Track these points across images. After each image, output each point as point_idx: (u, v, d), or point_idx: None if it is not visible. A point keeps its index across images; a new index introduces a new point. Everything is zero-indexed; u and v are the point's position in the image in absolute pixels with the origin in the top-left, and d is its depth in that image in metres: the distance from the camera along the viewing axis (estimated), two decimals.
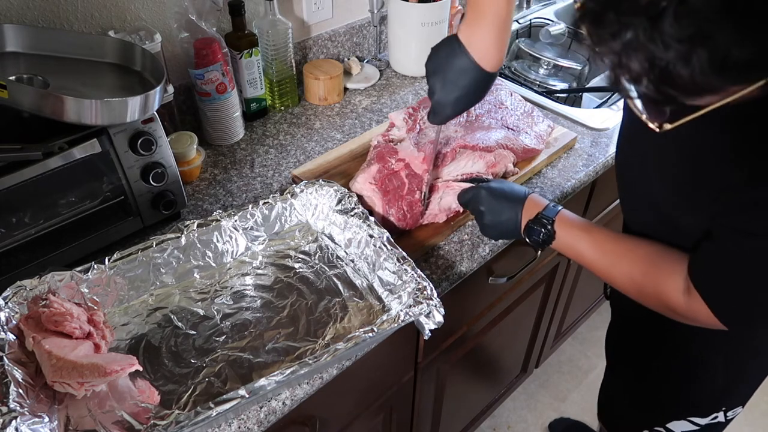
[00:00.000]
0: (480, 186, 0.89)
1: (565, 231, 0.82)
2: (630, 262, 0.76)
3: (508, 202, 0.86)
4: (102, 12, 1.02)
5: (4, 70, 0.83)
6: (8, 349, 0.69)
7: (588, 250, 0.80)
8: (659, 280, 0.72)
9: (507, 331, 1.38)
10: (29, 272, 0.78)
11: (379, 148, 1.01)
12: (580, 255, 0.82)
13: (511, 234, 0.88)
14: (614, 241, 0.79)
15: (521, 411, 1.83)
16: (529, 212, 0.85)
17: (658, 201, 0.74)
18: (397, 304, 0.81)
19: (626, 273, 0.76)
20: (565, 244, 0.83)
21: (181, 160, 1.02)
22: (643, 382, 1.01)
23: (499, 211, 0.87)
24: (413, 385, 1.14)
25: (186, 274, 0.88)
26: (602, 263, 0.79)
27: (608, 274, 0.79)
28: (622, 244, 0.78)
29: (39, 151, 0.76)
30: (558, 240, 0.83)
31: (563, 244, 0.83)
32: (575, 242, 0.81)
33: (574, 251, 0.82)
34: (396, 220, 0.94)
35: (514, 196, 0.87)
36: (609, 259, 0.78)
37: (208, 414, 0.65)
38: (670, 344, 0.90)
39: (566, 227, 0.82)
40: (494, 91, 1.17)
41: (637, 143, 0.77)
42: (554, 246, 0.84)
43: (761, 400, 1.86)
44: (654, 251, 0.75)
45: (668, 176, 0.71)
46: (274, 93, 1.26)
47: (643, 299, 0.76)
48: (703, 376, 0.89)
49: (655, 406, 1.00)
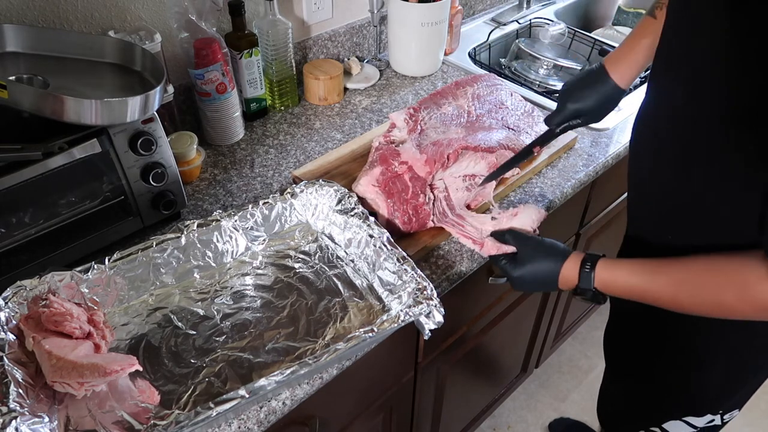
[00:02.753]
0: (513, 258, 0.87)
1: (612, 290, 0.79)
2: (692, 283, 0.71)
3: (542, 279, 0.84)
4: (102, 12, 1.02)
5: (4, 70, 0.83)
6: (8, 349, 0.69)
7: (645, 295, 0.76)
8: (734, 280, 0.66)
9: (507, 331, 1.38)
10: (29, 272, 0.78)
11: (381, 150, 1.01)
12: (641, 299, 0.77)
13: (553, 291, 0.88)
14: (662, 272, 0.73)
15: (521, 411, 1.83)
16: (568, 282, 0.82)
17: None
18: (397, 304, 0.81)
19: (694, 294, 0.70)
20: (621, 296, 0.79)
21: (181, 160, 1.02)
22: (642, 381, 1.01)
23: (534, 288, 0.88)
24: (413, 385, 1.14)
25: (186, 274, 0.88)
26: (666, 300, 0.74)
27: (679, 306, 0.73)
28: (672, 273, 0.73)
29: (39, 151, 0.76)
30: (612, 294, 0.80)
31: (619, 295, 0.79)
32: (628, 295, 0.78)
33: (633, 299, 0.78)
34: (401, 223, 0.93)
35: (547, 277, 0.84)
36: (669, 293, 0.73)
37: (208, 414, 0.65)
38: (670, 343, 0.90)
39: (611, 289, 0.79)
40: (494, 91, 1.17)
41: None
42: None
43: (761, 400, 1.86)
44: (706, 260, 0.70)
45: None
46: (274, 93, 1.26)
47: (727, 312, 0.69)
48: (702, 376, 0.89)
49: (653, 406, 1.00)
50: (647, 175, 0.82)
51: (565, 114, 0.95)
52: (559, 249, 0.84)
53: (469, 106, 1.13)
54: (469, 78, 1.19)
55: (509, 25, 1.64)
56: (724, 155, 0.66)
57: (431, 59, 1.41)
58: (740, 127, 0.63)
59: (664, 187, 0.78)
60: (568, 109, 0.95)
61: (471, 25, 1.67)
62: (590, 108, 0.94)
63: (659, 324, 0.90)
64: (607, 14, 1.92)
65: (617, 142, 1.21)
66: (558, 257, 0.83)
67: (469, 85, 1.16)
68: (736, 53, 0.60)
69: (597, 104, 0.94)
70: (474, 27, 1.66)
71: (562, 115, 0.96)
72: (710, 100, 0.66)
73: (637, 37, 0.92)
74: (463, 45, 1.54)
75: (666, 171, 0.76)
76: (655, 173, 0.79)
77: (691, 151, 0.71)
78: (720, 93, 0.64)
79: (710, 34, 0.63)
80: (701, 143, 0.69)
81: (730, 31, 0.60)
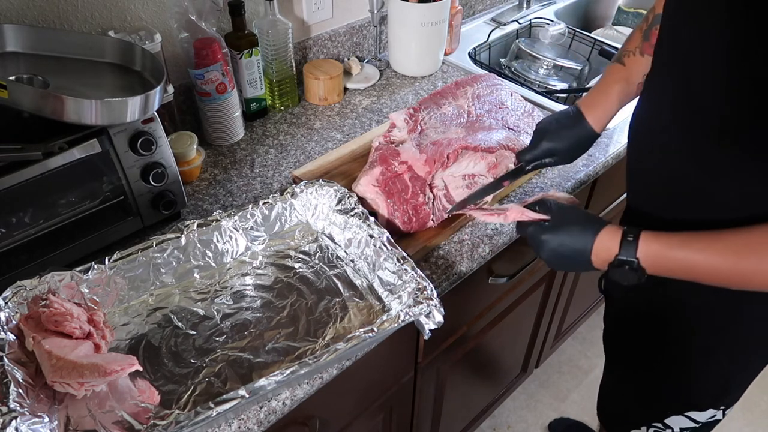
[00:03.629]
0: (540, 225, 0.79)
1: (658, 262, 0.71)
2: (758, 251, 0.64)
3: (574, 248, 0.76)
4: (102, 12, 1.02)
5: (4, 70, 0.83)
6: (8, 349, 0.69)
7: (696, 267, 0.68)
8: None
9: (507, 331, 1.38)
10: (29, 272, 0.78)
11: (381, 150, 1.01)
12: (689, 273, 0.70)
13: (582, 269, 0.78)
14: (721, 239, 0.67)
15: (521, 411, 1.83)
16: (604, 252, 0.73)
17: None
18: (397, 304, 0.81)
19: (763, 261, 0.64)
20: (665, 270, 0.72)
21: (181, 160, 1.02)
22: (644, 376, 1.01)
23: (564, 261, 0.78)
24: (413, 385, 1.14)
25: (186, 274, 0.88)
26: (724, 270, 0.67)
27: (740, 277, 0.67)
28: (732, 240, 0.67)
29: (39, 151, 0.76)
30: (654, 268, 0.72)
31: (664, 269, 0.72)
32: (676, 268, 0.70)
33: (679, 273, 0.71)
34: (401, 223, 0.93)
35: (581, 246, 0.75)
36: (730, 263, 0.66)
37: (208, 414, 0.65)
38: (672, 337, 0.90)
39: (657, 261, 0.71)
40: (494, 91, 1.17)
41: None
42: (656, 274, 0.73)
43: (761, 400, 1.86)
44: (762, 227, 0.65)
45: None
46: (274, 93, 1.26)
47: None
48: (704, 369, 0.89)
49: (654, 401, 1.00)
50: (653, 166, 0.81)
51: (538, 152, 0.94)
52: (596, 218, 0.77)
53: (469, 106, 1.13)
54: (469, 78, 1.19)
55: (509, 25, 1.64)
56: (732, 147, 0.66)
57: (431, 59, 1.41)
58: (743, 124, 0.63)
59: (673, 174, 0.77)
60: (542, 147, 0.94)
61: (471, 25, 1.67)
62: (564, 148, 0.94)
63: (660, 318, 0.90)
64: (607, 14, 1.92)
65: (617, 142, 1.21)
66: (594, 225, 0.75)
67: (469, 85, 1.16)
68: (737, 49, 0.60)
69: (571, 145, 0.94)
70: (474, 27, 1.66)
71: (535, 153, 0.94)
72: (712, 97, 0.66)
73: (607, 83, 0.93)
74: (463, 45, 1.54)
75: (675, 162, 0.76)
76: (663, 165, 0.78)
77: (698, 146, 0.71)
78: (720, 92, 0.64)
79: (710, 31, 0.64)
80: (706, 140, 0.69)
81: (730, 26, 0.60)
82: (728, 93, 0.64)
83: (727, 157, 0.68)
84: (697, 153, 0.72)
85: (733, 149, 0.67)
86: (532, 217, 0.80)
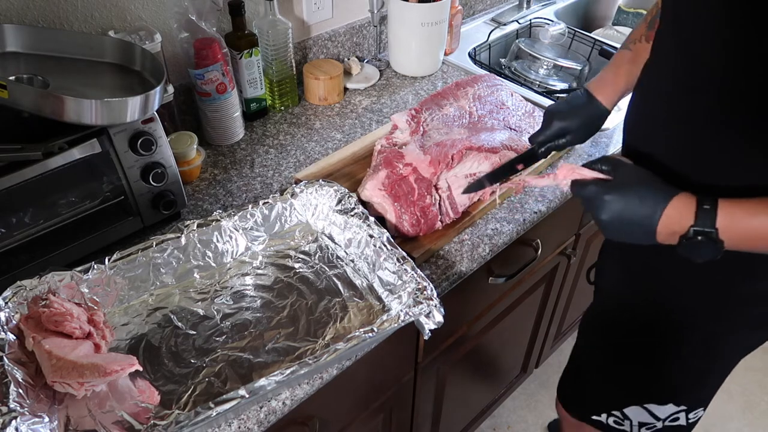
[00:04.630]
0: (602, 184, 0.71)
1: (741, 230, 0.65)
2: None
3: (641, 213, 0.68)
4: (102, 12, 1.02)
5: (4, 70, 0.83)
6: (8, 349, 0.69)
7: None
8: None
9: (507, 331, 1.38)
10: (29, 272, 0.78)
11: (385, 152, 1.00)
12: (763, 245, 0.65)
13: (643, 240, 0.71)
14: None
15: (521, 411, 1.83)
16: (675, 222, 0.66)
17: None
18: (397, 304, 0.81)
19: None
20: (748, 241, 0.66)
21: (181, 160, 1.02)
22: (612, 365, 1.01)
23: (626, 227, 0.70)
24: (413, 385, 1.14)
25: (186, 274, 0.88)
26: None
27: None
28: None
29: (39, 151, 0.76)
30: (736, 239, 0.65)
31: (747, 240, 0.66)
32: (749, 241, 0.65)
33: (752, 246, 0.66)
34: (410, 226, 0.93)
35: (649, 211, 0.67)
36: None
37: (208, 414, 0.65)
38: (650, 329, 0.91)
39: (739, 229, 0.65)
40: (495, 92, 1.17)
41: None
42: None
43: (761, 400, 1.86)
44: None
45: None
46: (274, 93, 1.26)
47: None
48: (665, 360, 0.91)
49: (618, 389, 1.01)
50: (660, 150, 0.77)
51: (551, 132, 0.93)
52: (669, 185, 0.69)
53: (470, 106, 1.12)
54: (469, 78, 1.19)
55: (509, 25, 1.64)
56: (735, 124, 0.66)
57: (431, 59, 1.41)
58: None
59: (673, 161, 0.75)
60: (553, 127, 0.93)
61: (471, 25, 1.67)
62: (577, 126, 0.93)
63: (642, 311, 0.91)
64: (607, 14, 1.92)
65: (617, 142, 1.21)
66: (669, 190, 0.67)
67: (469, 86, 1.16)
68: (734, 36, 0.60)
69: (583, 123, 0.93)
70: (474, 27, 1.66)
71: (547, 133, 0.93)
72: (710, 86, 0.66)
73: (615, 65, 0.93)
74: (463, 45, 1.54)
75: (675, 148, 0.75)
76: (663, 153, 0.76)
77: (699, 131, 0.71)
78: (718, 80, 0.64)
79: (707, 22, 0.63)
80: (708, 128, 0.69)
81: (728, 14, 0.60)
82: (735, 65, 0.63)
83: (729, 135, 0.67)
84: (697, 139, 0.71)
85: (735, 125, 0.66)
86: (589, 175, 0.72)
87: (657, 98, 0.77)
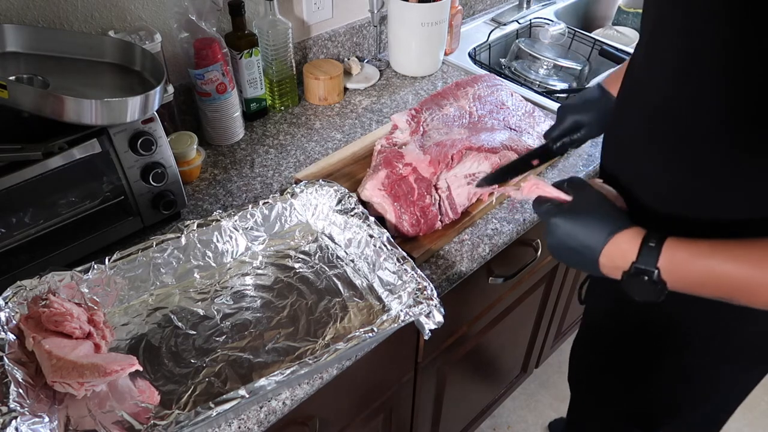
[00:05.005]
0: (558, 205, 0.69)
1: (683, 273, 0.61)
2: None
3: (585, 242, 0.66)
4: (102, 12, 1.02)
5: (4, 70, 0.83)
6: (8, 349, 0.69)
7: (732, 277, 0.58)
8: None
9: (507, 331, 1.38)
10: (29, 272, 0.78)
11: (385, 152, 1.00)
12: (717, 288, 0.60)
13: (587, 270, 0.68)
14: (758, 247, 0.58)
15: (521, 411, 1.83)
16: (619, 257, 0.63)
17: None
18: (397, 304, 0.81)
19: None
20: (689, 285, 0.62)
21: (181, 160, 1.02)
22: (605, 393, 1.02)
23: (569, 254, 0.68)
24: (413, 385, 1.14)
25: (186, 274, 0.88)
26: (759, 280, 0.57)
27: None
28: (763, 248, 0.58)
29: (39, 151, 0.76)
30: (678, 280, 0.61)
31: (689, 283, 0.62)
32: (703, 280, 0.60)
33: (705, 289, 0.61)
34: (410, 226, 0.93)
35: (593, 242, 0.65)
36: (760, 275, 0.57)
37: (208, 414, 0.65)
38: (666, 347, 0.89)
39: (681, 272, 0.61)
40: (495, 92, 1.17)
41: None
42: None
43: (761, 400, 1.86)
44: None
45: None
46: (274, 93, 1.26)
47: None
48: (647, 389, 0.90)
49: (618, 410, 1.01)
50: (645, 170, 0.75)
51: (565, 126, 0.93)
52: (622, 216, 0.66)
53: (470, 106, 1.12)
54: (469, 78, 1.19)
55: (509, 25, 1.64)
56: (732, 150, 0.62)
57: (431, 59, 1.41)
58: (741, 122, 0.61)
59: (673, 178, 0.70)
60: (568, 121, 0.93)
61: (471, 25, 1.67)
62: (590, 120, 0.92)
63: (636, 334, 0.88)
64: (607, 14, 1.92)
65: None
66: (616, 222, 0.64)
67: (469, 86, 1.16)
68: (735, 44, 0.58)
69: (597, 117, 0.92)
70: (474, 27, 1.66)
71: (562, 128, 0.93)
72: (708, 93, 0.62)
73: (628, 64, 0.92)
74: (463, 45, 1.54)
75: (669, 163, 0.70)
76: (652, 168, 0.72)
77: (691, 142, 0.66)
78: (719, 86, 0.61)
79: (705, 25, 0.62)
80: (700, 136, 0.65)
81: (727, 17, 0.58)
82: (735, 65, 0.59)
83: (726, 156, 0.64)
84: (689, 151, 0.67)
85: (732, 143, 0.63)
86: (551, 193, 0.70)
87: (644, 109, 0.72)
